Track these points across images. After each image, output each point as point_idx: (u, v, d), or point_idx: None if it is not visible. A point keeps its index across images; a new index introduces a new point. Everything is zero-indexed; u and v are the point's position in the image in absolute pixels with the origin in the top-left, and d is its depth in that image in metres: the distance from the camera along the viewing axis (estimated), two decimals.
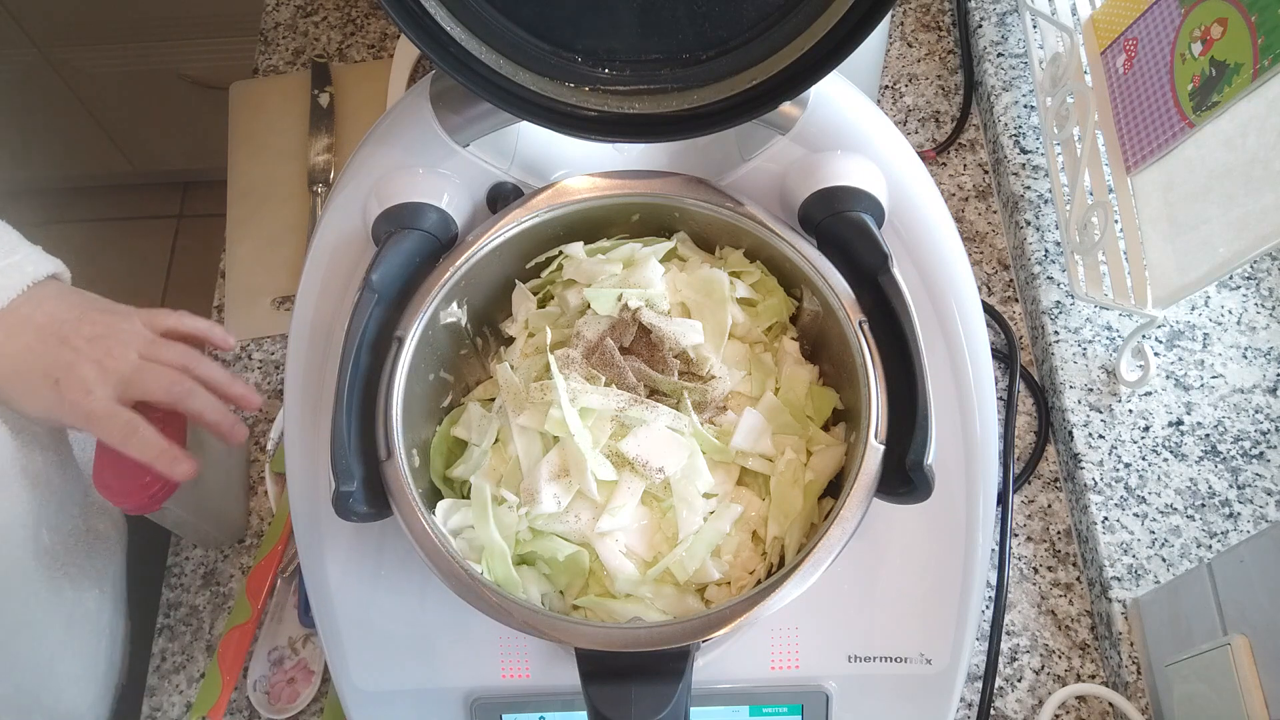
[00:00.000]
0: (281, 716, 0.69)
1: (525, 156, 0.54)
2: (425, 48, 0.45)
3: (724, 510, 0.48)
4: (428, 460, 0.51)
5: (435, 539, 0.44)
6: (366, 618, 0.53)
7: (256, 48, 1.00)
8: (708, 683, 0.53)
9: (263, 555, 0.73)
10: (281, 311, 0.85)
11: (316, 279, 0.53)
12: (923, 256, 0.52)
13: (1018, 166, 0.83)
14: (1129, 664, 0.65)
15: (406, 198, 0.50)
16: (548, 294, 0.54)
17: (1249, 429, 0.71)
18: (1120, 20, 0.75)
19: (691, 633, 0.43)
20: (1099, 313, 0.76)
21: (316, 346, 0.52)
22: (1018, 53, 0.88)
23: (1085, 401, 0.73)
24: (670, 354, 0.50)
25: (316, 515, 0.53)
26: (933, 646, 0.53)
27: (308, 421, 0.53)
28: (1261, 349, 0.74)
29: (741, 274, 0.53)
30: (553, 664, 0.53)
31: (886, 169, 0.51)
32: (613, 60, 0.46)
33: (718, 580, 0.48)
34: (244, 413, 0.77)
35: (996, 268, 0.83)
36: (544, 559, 0.48)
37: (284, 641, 0.71)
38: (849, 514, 0.44)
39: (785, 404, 0.51)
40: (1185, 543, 0.68)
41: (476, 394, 0.55)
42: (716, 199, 0.51)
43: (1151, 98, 0.70)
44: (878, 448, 0.45)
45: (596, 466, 0.47)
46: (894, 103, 0.91)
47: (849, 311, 0.47)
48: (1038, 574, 0.71)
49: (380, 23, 0.99)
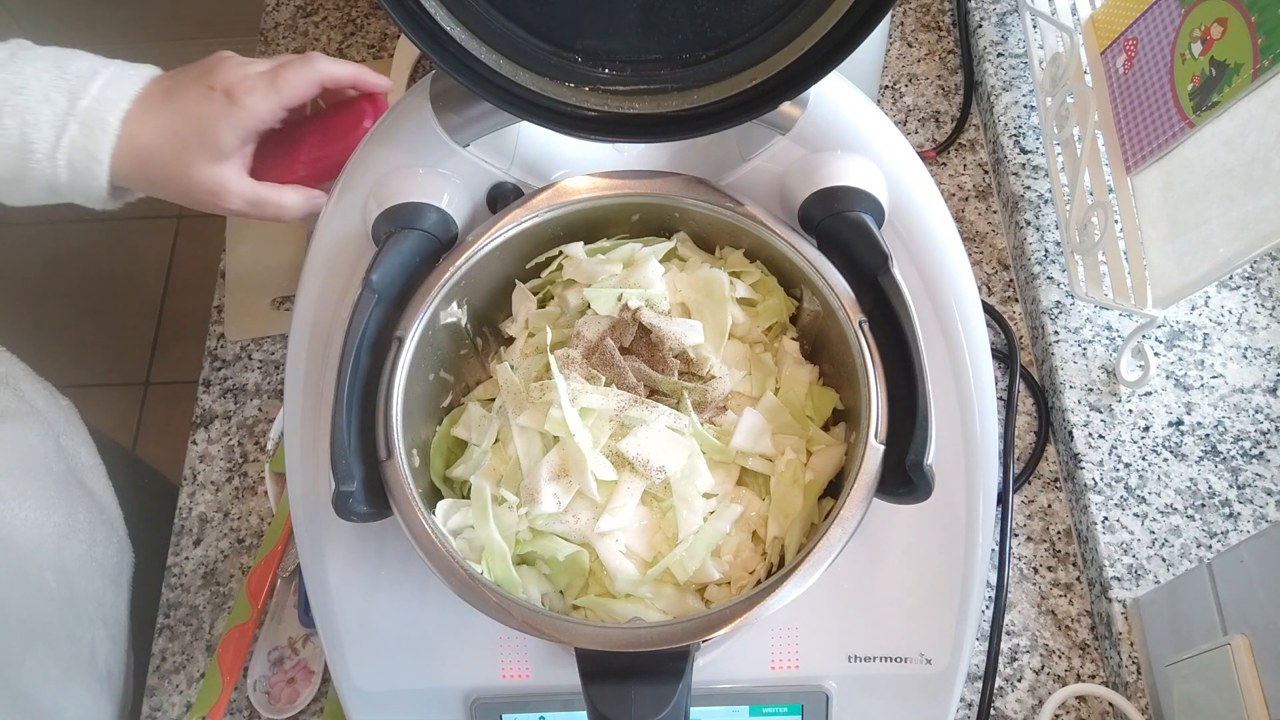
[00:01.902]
0: (281, 716, 0.69)
1: (525, 156, 0.54)
2: (425, 48, 0.45)
3: (724, 510, 0.48)
4: (428, 460, 0.51)
5: (435, 539, 0.44)
6: (366, 618, 0.53)
7: (256, 48, 1.00)
8: (708, 683, 0.53)
9: (263, 555, 0.73)
10: (281, 311, 0.85)
11: (316, 279, 0.53)
12: (923, 256, 0.52)
13: (1018, 166, 0.83)
14: (1129, 664, 0.65)
15: (406, 198, 0.50)
16: (548, 294, 0.54)
17: (1249, 429, 0.71)
18: (1120, 20, 0.75)
19: (691, 633, 0.43)
20: (1099, 313, 0.76)
21: (316, 346, 0.52)
22: (1018, 53, 0.88)
23: (1085, 401, 0.73)
24: (670, 354, 0.50)
25: (316, 515, 0.53)
26: (933, 646, 0.53)
27: (308, 422, 0.53)
28: (1261, 349, 0.74)
29: (741, 274, 0.53)
30: (553, 664, 0.53)
31: (886, 169, 0.51)
32: (613, 60, 0.46)
33: (718, 580, 0.48)
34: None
35: (996, 268, 0.83)
36: (544, 559, 0.48)
37: (284, 641, 0.71)
38: (849, 514, 0.44)
39: (785, 404, 0.51)
40: (1185, 543, 0.68)
41: (476, 394, 0.55)
42: (716, 199, 0.51)
43: (1151, 98, 0.70)
44: (878, 448, 0.45)
45: (596, 466, 0.47)
46: (894, 103, 0.91)
47: (849, 311, 0.47)
48: (1038, 574, 0.71)
49: (380, 23, 0.99)
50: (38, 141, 0.55)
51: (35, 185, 0.57)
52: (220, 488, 0.79)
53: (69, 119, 0.55)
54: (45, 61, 0.56)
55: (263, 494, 0.78)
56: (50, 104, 0.55)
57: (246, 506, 0.78)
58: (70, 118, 0.55)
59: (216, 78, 0.59)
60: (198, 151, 0.58)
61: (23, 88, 0.55)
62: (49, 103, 0.55)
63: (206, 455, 0.80)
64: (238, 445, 0.80)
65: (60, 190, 0.58)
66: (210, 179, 0.59)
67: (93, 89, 0.56)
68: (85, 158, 0.56)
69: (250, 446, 0.80)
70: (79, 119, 0.56)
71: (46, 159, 0.56)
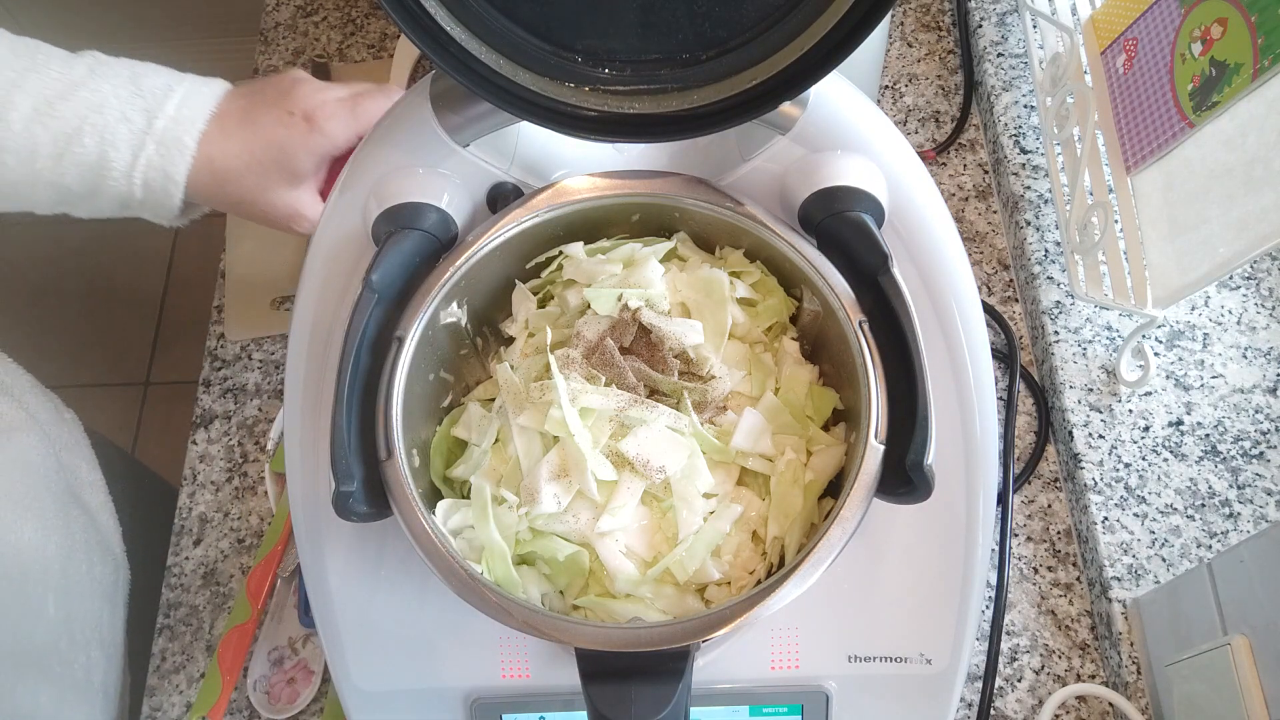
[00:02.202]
0: (281, 716, 0.69)
1: (525, 156, 0.54)
2: (425, 48, 0.45)
3: (724, 510, 0.48)
4: (428, 460, 0.51)
5: (435, 539, 0.44)
6: (366, 618, 0.53)
7: (256, 48, 1.00)
8: (708, 683, 0.53)
9: (263, 555, 0.73)
10: (281, 311, 0.85)
11: (316, 279, 0.53)
12: (923, 256, 0.52)
13: (1018, 166, 0.83)
14: (1129, 664, 0.65)
15: (406, 198, 0.50)
16: (548, 294, 0.54)
17: (1249, 429, 0.71)
18: (1120, 20, 0.75)
19: (691, 633, 0.43)
20: (1099, 313, 0.76)
21: (316, 346, 0.52)
22: (1018, 53, 0.88)
23: (1085, 401, 0.73)
24: (670, 354, 0.50)
25: (316, 515, 0.53)
26: (933, 646, 0.53)
27: (308, 421, 0.53)
28: (1261, 349, 0.74)
29: (741, 274, 0.53)
30: (553, 664, 0.53)
31: (886, 169, 0.51)
32: (613, 60, 0.46)
33: (718, 580, 0.48)
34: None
35: (996, 268, 0.83)
36: (544, 559, 0.48)
37: (284, 641, 0.71)
38: (849, 514, 0.44)
39: (785, 404, 0.51)
40: (1185, 543, 0.68)
41: (476, 394, 0.55)
42: (716, 199, 0.51)
43: (1151, 98, 0.70)
44: (878, 448, 0.45)
45: (596, 466, 0.47)
46: (894, 103, 0.91)
47: (849, 311, 0.47)
48: (1038, 574, 0.71)
49: (380, 23, 0.99)
50: (115, 160, 0.55)
51: (108, 200, 0.58)
52: (220, 488, 0.79)
53: (146, 138, 0.55)
54: (121, 78, 0.56)
55: (263, 494, 0.78)
56: (128, 123, 0.55)
57: (246, 506, 0.78)
58: (147, 137, 0.55)
59: (295, 101, 0.59)
60: (276, 176, 0.59)
61: (101, 105, 0.55)
62: (126, 121, 0.55)
63: (206, 455, 0.80)
64: (238, 445, 0.80)
65: (132, 206, 0.59)
66: (288, 203, 0.60)
67: (169, 108, 0.56)
68: (161, 177, 0.57)
69: (250, 446, 0.80)
70: (156, 138, 0.56)
71: (123, 177, 0.56)
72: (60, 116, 0.54)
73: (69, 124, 0.54)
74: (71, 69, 0.55)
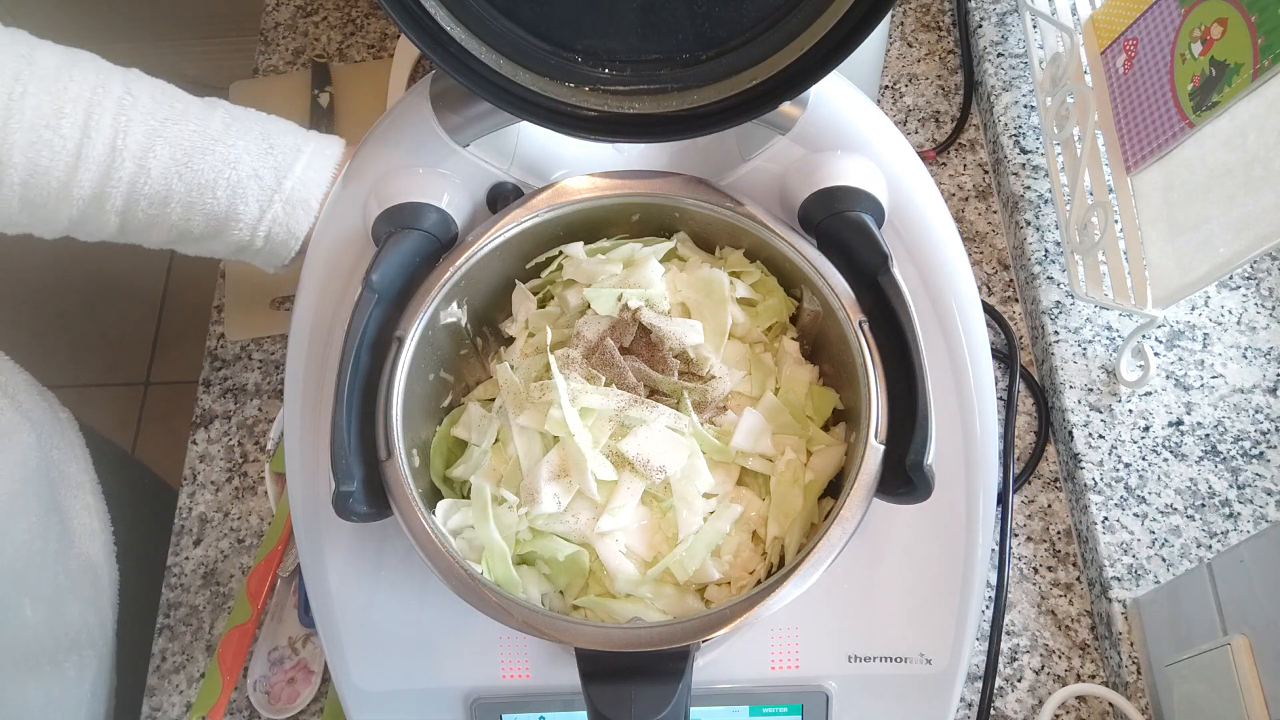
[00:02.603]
0: (281, 716, 0.69)
1: (525, 156, 0.54)
2: (425, 48, 0.45)
3: (724, 510, 0.48)
4: (428, 460, 0.51)
5: (435, 539, 0.44)
6: (366, 618, 0.53)
7: (256, 48, 1.00)
8: (708, 683, 0.53)
9: (263, 555, 0.73)
10: (281, 311, 0.85)
11: (316, 279, 0.53)
12: (923, 256, 0.52)
13: (1018, 166, 0.83)
14: (1129, 664, 0.65)
15: (406, 198, 0.50)
16: (548, 294, 0.54)
17: (1249, 429, 0.71)
18: (1120, 20, 0.75)
19: (691, 633, 0.43)
20: (1099, 313, 0.76)
21: (316, 346, 0.52)
22: (1018, 53, 0.88)
23: (1085, 401, 0.73)
24: (670, 354, 0.50)
25: (316, 515, 0.53)
26: (933, 646, 0.53)
27: (308, 421, 0.53)
28: (1261, 349, 0.74)
29: (741, 274, 0.53)
30: (553, 664, 0.53)
31: (886, 169, 0.51)
32: (613, 60, 0.46)
33: (718, 580, 0.48)
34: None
35: (996, 268, 0.83)
36: (544, 559, 0.48)
37: (284, 641, 0.71)
38: (849, 514, 0.44)
39: (785, 404, 0.51)
40: (1185, 543, 0.68)
41: (476, 394, 0.55)
42: (716, 199, 0.51)
43: (1151, 98, 0.70)
44: (878, 448, 0.45)
45: (596, 466, 0.47)
46: (894, 103, 0.91)
47: (849, 311, 0.47)
48: (1038, 574, 0.71)
49: (380, 23, 0.99)
50: (244, 214, 0.58)
51: (224, 245, 0.60)
52: (220, 488, 0.79)
53: (275, 195, 0.58)
54: (253, 134, 0.58)
55: (263, 494, 0.78)
56: (258, 180, 0.57)
57: (246, 506, 0.78)
58: (276, 195, 0.58)
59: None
60: None
61: (236, 162, 0.57)
62: (257, 179, 0.57)
63: (206, 455, 0.80)
64: (238, 445, 0.80)
65: (247, 253, 0.61)
66: None
67: (296, 169, 0.58)
68: (284, 233, 0.59)
69: (250, 446, 0.80)
70: (284, 197, 0.58)
71: (248, 229, 0.58)
72: (197, 170, 0.56)
73: (204, 177, 0.56)
74: (208, 122, 0.57)
